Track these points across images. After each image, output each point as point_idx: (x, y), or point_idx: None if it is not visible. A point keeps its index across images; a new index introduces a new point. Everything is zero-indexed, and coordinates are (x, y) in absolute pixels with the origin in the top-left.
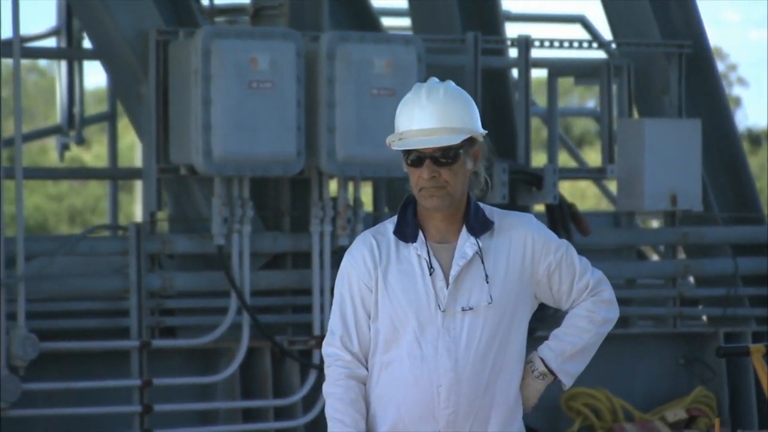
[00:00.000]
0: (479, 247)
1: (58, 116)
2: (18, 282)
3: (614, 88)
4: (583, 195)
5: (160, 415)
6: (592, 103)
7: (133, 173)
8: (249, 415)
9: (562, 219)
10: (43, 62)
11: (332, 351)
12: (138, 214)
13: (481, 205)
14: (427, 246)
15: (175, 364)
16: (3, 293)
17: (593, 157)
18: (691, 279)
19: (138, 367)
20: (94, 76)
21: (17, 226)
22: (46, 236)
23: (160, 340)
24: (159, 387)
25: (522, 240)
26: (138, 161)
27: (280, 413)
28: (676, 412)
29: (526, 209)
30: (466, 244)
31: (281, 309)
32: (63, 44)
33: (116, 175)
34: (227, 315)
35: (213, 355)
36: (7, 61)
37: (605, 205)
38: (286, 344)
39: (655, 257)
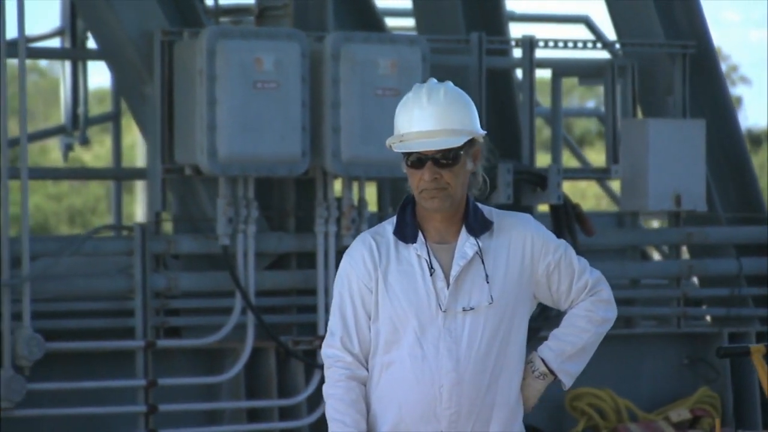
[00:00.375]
0: (479, 247)
1: (62, 116)
2: (23, 282)
3: (618, 88)
4: (583, 195)
5: (165, 415)
6: (592, 103)
7: (137, 173)
8: (254, 415)
9: (567, 219)
10: (43, 62)
11: (332, 352)
12: (138, 214)
13: (479, 205)
14: (427, 246)
15: (179, 364)
16: (8, 293)
17: (594, 157)
18: (695, 279)
19: (143, 367)
20: (96, 76)
21: (22, 226)
22: (51, 236)
23: (165, 340)
24: (164, 387)
25: (521, 240)
26: (139, 161)
27: (285, 413)
28: (680, 412)
29: (530, 209)
30: (465, 244)
31: (286, 309)
32: (67, 44)
33: (120, 176)
34: (232, 315)
35: (218, 355)
36: (11, 62)
37: (605, 205)
38: (291, 344)
39: (656, 256)
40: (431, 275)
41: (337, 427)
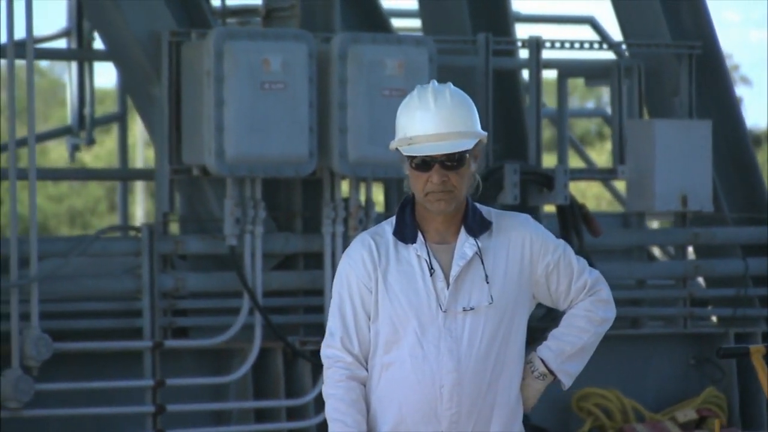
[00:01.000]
0: (478, 247)
1: (68, 117)
2: (31, 282)
3: (624, 89)
4: (583, 195)
5: (173, 415)
6: (591, 103)
7: (144, 174)
8: (261, 416)
9: (573, 220)
10: (43, 63)
11: (332, 353)
12: (139, 214)
13: (478, 205)
14: (426, 247)
15: (187, 364)
16: (16, 294)
17: (594, 158)
18: (701, 280)
19: (151, 367)
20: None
21: (30, 226)
22: (59, 237)
23: (172, 341)
24: (172, 387)
25: (520, 240)
26: (139, 162)
27: (292, 413)
28: (687, 413)
29: (536, 210)
30: (465, 244)
31: (293, 309)
32: (73, 45)
33: (126, 176)
34: (239, 315)
35: (225, 356)
36: (12, 62)
37: (605, 206)
38: (298, 344)
39: (656, 253)
40: (431, 275)
41: (337, 428)
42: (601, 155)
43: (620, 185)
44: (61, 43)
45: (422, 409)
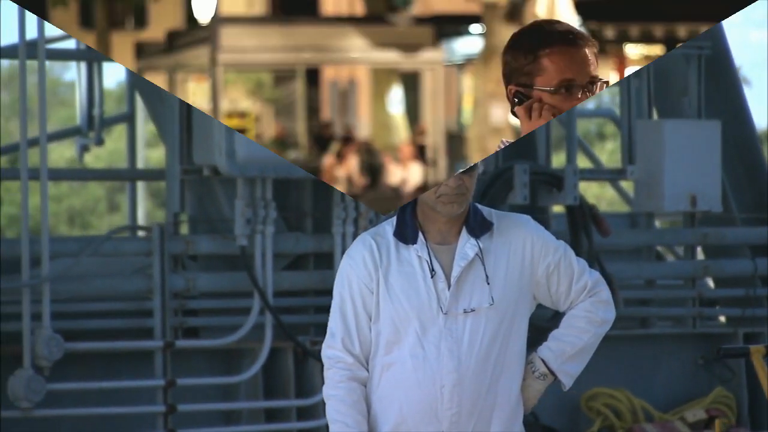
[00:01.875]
0: (479, 248)
1: (77, 117)
2: (43, 282)
3: (633, 89)
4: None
5: (184, 415)
6: (591, 104)
7: (153, 174)
8: (271, 415)
9: (583, 220)
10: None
11: (333, 353)
12: (139, 214)
13: (479, 206)
14: (427, 247)
15: (198, 364)
16: (28, 294)
17: None
18: (710, 280)
19: (162, 367)
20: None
21: (42, 227)
22: (70, 237)
23: (183, 341)
24: (182, 387)
25: (521, 241)
26: (140, 162)
27: (303, 413)
28: (696, 413)
29: (545, 210)
30: (466, 245)
31: (304, 309)
32: (82, 46)
33: (136, 176)
34: (250, 315)
35: (236, 356)
36: (23, 63)
37: (605, 206)
38: (309, 344)
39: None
40: (432, 276)
41: (338, 428)
42: (601, 155)
43: (625, 185)
44: (70, 44)
45: (423, 409)
